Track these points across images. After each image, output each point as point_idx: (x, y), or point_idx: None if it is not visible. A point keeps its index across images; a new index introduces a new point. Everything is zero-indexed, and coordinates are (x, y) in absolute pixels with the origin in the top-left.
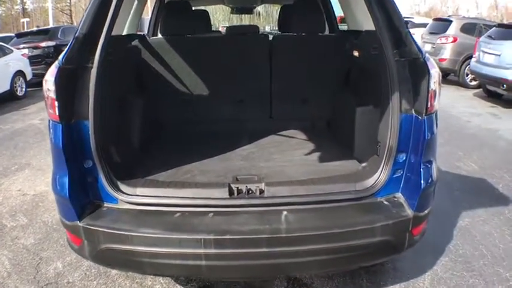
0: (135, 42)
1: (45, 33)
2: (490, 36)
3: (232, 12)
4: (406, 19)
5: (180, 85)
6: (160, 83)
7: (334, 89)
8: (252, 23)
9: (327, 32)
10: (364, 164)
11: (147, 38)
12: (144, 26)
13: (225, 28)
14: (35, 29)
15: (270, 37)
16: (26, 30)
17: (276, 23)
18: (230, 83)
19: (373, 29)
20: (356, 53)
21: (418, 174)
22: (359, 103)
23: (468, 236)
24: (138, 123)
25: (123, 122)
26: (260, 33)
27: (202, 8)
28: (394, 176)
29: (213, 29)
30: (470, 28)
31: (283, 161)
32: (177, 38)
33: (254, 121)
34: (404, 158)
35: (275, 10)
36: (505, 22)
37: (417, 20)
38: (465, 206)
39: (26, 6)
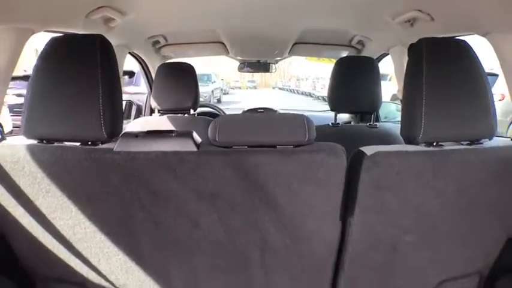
0: None
1: None
2: None
3: (241, 70)
4: None
5: (86, 268)
6: (38, 263)
7: None
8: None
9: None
10: None
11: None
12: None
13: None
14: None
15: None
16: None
17: (287, 77)
18: (228, 275)
19: None
20: None
21: None
22: None
23: None
24: None
25: None
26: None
27: (183, 60)
28: None
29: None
30: None
31: None
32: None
33: None
34: None
35: (287, 61)
36: None
37: None
38: None
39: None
